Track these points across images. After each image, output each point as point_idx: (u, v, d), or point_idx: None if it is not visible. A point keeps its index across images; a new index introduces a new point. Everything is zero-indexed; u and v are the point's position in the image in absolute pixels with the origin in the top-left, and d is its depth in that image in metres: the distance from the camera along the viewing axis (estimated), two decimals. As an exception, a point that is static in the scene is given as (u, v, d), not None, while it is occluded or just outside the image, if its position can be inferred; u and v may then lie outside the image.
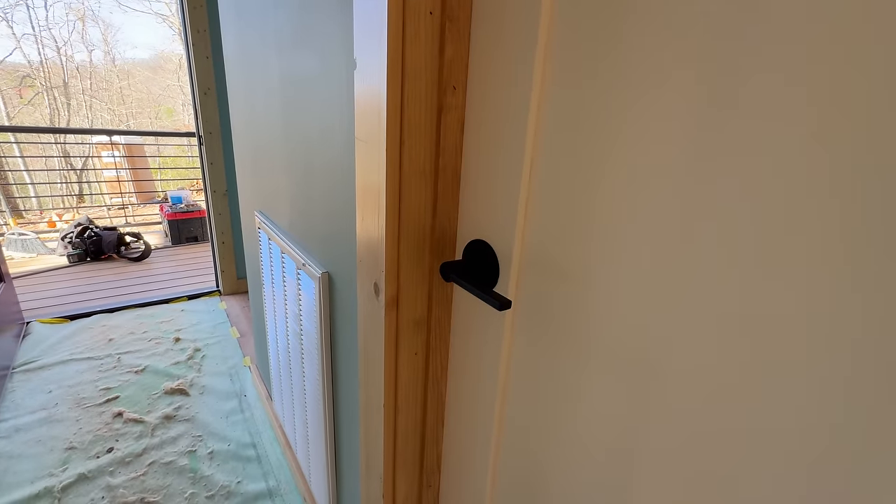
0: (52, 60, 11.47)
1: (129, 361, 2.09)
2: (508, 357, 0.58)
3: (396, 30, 0.50)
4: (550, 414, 0.53)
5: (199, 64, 2.46)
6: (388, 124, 0.53)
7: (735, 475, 0.37)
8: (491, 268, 0.55)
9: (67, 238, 3.45)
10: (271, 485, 1.44)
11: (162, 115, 14.08)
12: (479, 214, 0.57)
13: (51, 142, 7.15)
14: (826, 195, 0.29)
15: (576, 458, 0.50)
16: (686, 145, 0.35)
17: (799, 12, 0.29)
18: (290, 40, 0.91)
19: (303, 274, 1.00)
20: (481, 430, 0.64)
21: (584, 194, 0.44)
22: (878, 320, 0.28)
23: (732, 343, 0.35)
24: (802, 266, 0.30)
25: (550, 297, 0.49)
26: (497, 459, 0.64)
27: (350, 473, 0.99)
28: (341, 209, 0.80)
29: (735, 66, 0.32)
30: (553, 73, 0.44)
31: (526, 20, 0.45)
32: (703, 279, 0.36)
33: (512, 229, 0.52)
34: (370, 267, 0.64)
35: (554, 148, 0.46)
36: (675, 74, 0.35)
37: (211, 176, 2.68)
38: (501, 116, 0.50)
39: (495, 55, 0.50)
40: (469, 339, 0.64)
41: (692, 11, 0.34)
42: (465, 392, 0.67)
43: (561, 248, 0.47)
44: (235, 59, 1.40)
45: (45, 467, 1.48)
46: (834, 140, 0.28)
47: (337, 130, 0.77)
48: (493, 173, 0.53)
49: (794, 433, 0.32)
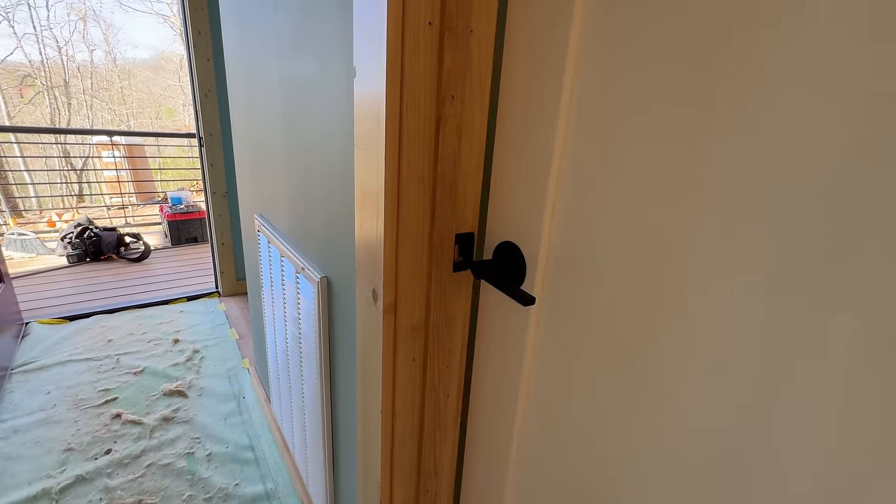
0: (53, 60, 11.49)
1: (128, 363, 2.09)
2: (533, 352, 0.60)
3: (396, 39, 0.50)
4: (573, 410, 0.54)
5: (200, 66, 2.47)
6: (387, 132, 0.53)
7: (737, 476, 0.37)
8: (519, 267, 0.58)
9: (67, 238, 3.45)
10: (269, 487, 1.44)
11: (162, 116, 14.09)
12: (508, 217, 0.59)
13: (51, 142, 7.15)
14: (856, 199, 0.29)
15: (596, 456, 0.52)
16: (715, 151, 0.36)
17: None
18: (291, 45, 0.91)
19: (302, 278, 1.01)
20: (504, 424, 0.66)
21: (608, 199, 0.45)
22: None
23: (755, 346, 0.35)
24: (843, 269, 0.30)
25: (574, 297, 0.51)
26: (520, 452, 0.65)
27: (348, 477, 1.00)
28: (340, 214, 0.80)
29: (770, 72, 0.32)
30: (583, 81, 0.46)
31: (560, 18, 0.46)
32: (730, 283, 0.36)
33: (539, 232, 0.54)
34: (368, 273, 0.64)
35: (581, 153, 0.47)
36: (705, 80, 0.36)
37: (211, 177, 2.68)
38: (531, 124, 0.52)
39: (529, 63, 0.51)
40: (494, 336, 0.65)
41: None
42: (490, 385, 0.68)
43: (585, 249, 0.49)
44: (236, 62, 1.40)
45: (43, 469, 1.48)
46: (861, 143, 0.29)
47: (336, 136, 0.77)
48: (522, 178, 0.55)
49: (817, 436, 0.33)
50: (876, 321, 0.28)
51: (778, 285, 0.33)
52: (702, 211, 0.37)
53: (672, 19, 0.37)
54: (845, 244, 0.29)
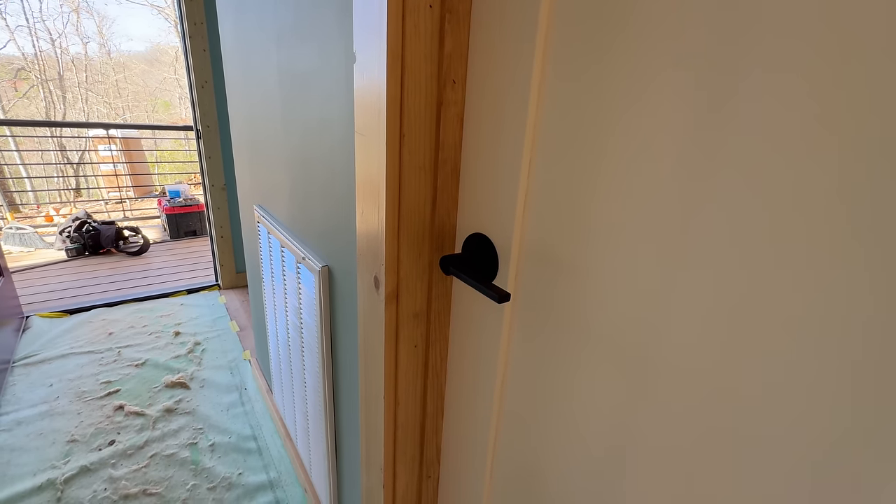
0: (46, 53, 11.37)
1: (130, 355, 2.10)
2: (507, 349, 0.58)
3: (396, 23, 0.49)
4: (548, 406, 0.53)
5: (196, 57, 2.45)
6: (387, 119, 0.53)
7: (728, 473, 0.37)
8: (490, 261, 0.56)
9: (65, 232, 3.44)
10: (272, 476, 1.46)
11: (159, 109, 13.99)
12: (478, 208, 0.57)
13: (47, 135, 7.11)
14: (832, 191, 0.29)
15: (572, 450, 0.51)
16: (684, 140, 0.36)
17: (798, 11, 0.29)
18: (291, 31, 0.90)
19: (303, 268, 1.01)
20: (480, 421, 0.65)
21: (583, 188, 0.44)
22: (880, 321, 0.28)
23: (729, 339, 0.35)
24: (804, 261, 0.31)
25: (549, 290, 0.50)
26: (495, 449, 0.64)
27: (350, 464, 1.01)
28: (341, 203, 0.80)
29: (732, 64, 0.32)
30: (553, 66, 0.45)
31: (525, 12, 0.45)
32: (701, 273, 0.36)
33: (511, 223, 0.52)
34: (370, 260, 0.64)
35: (553, 142, 0.46)
36: (670, 72, 0.36)
37: (209, 170, 2.67)
38: (501, 110, 0.50)
39: (495, 49, 0.50)
40: (469, 332, 0.64)
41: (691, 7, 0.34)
42: (465, 383, 0.67)
43: (559, 241, 0.47)
44: (233, 52, 1.39)
45: (48, 460, 1.49)
46: (838, 130, 0.29)
47: (336, 123, 0.77)
48: (492, 167, 0.53)
49: (792, 433, 0.33)
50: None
51: (749, 279, 0.33)
52: (685, 204, 0.37)
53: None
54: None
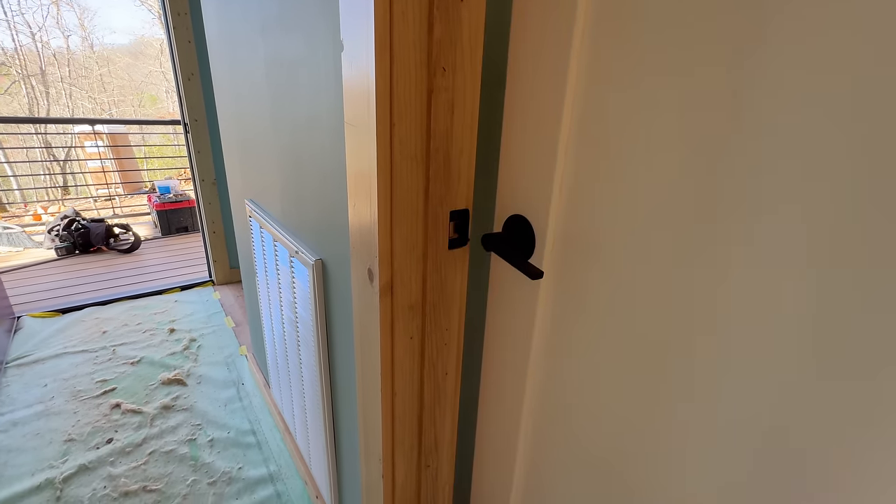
0: (27, 47, 11.08)
1: (125, 353, 2.09)
2: (542, 326, 0.60)
3: (383, 10, 0.48)
4: (577, 382, 0.56)
5: (182, 48, 2.39)
6: (377, 108, 0.52)
7: (744, 463, 0.38)
8: (528, 241, 0.58)
9: (54, 231, 3.39)
10: (272, 470, 1.46)
11: (145, 103, 13.73)
12: (518, 191, 0.59)
13: (31, 132, 6.96)
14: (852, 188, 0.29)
15: (595, 430, 0.53)
16: (721, 133, 0.36)
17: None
18: (276, 21, 0.88)
19: (296, 262, 1.00)
20: (514, 395, 0.67)
21: (614, 177, 0.45)
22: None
23: (750, 332, 0.36)
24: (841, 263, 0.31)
25: (581, 271, 0.52)
26: (528, 425, 0.66)
27: (350, 456, 1.01)
28: (333, 195, 0.79)
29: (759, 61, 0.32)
30: (590, 63, 0.45)
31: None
32: (728, 268, 0.37)
33: (547, 206, 0.54)
34: (363, 253, 0.63)
35: (589, 130, 0.47)
36: (707, 64, 0.35)
37: (199, 164, 2.63)
38: (541, 99, 0.51)
39: (539, 46, 0.50)
40: (504, 308, 0.66)
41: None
42: (500, 359, 0.69)
43: (593, 225, 0.49)
44: (218, 44, 1.36)
45: (45, 459, 1.48)
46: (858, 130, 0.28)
47: (326, 114, 0.75)
48: (531, 153, 0.55)
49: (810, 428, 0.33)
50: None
51: (790, 266, 0.33)
52: (715, 195, 0.36)
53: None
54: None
